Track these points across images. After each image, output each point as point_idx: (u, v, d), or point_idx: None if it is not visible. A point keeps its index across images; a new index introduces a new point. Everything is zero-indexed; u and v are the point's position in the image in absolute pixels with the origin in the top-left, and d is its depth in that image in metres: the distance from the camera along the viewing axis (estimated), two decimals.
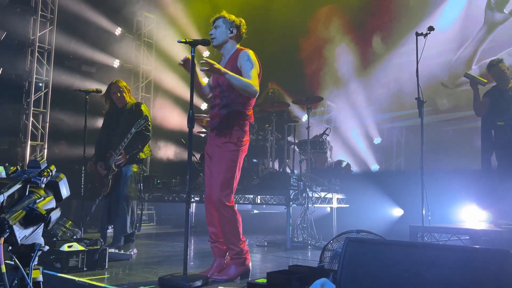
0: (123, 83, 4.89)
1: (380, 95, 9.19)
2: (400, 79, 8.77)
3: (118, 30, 9.87)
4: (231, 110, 3.35)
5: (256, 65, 3.33)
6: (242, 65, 3.31)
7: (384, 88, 9.15)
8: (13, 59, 8.07)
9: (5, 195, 1.45)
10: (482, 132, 5.12)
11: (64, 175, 1.74)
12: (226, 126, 3.35)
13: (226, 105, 3.37)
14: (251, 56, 3.34)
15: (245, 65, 3.29)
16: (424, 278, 1.85)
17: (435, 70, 8.24)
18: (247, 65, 3.29)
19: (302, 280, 2.32)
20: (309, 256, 4.93)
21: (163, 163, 10.18)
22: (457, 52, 8.26)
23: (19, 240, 1.45)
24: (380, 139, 9.68)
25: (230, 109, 3.35)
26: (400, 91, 8.57)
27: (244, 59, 3.32)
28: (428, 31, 4.57)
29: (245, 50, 3.39)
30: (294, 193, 5.73)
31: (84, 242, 3.86)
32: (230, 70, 3.27)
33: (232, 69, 3.30)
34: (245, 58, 3.32)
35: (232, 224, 3.29)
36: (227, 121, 3.35)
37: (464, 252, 1.88)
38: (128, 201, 4.63)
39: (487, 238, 4.06)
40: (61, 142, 8.78)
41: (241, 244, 3.33)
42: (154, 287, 3.02)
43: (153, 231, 8.08)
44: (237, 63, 3.34)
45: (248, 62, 3.30)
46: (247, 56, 3.33)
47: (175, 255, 4.74)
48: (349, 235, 2.61)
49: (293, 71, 9.84)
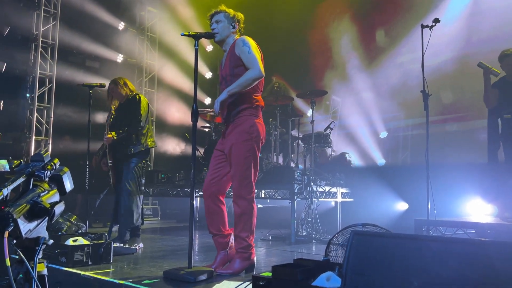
0: (119, 81, 4.86)
1: (386, 89, 9.13)
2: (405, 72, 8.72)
3: (122, 24, 9.84)
4: (237, 96, 3.30)
5: (252, 46, 3.30)
6: (241, 52, 3.28)
7: (389, 82, 9.09)
8: (17, 54, 8.08)
9: (9, 188, 1.44)
10: (488, 124, 5.05)
11: (67, 169, 1.74)
12: (235, 113, 3.32)
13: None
14: (246, 39, 3.32)
15: (243, 50, 3.27)
16: (431, 271, 1.83)
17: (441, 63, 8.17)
18: (244, 49, 3.27)
19: (307, 273, 2.31)
20: (314, 250, 4.93)
21: (167, 157, 10.19)
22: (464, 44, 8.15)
23: (23, 233, 1.44)
24: (386, 133, 9.64)
25: (235, 95, 3.30)
26: (405, 84, 8.52)
27: (240, 45, 3.30)
28: (434, 23, 4.52)
29: (241, 37, 3.37)
30: (299, 187, 5.72)
31: (89, 236, 3.87)
32: (230, 59, 3.31)
33: (232, 60, 3.31)
34: (241, 44, 3.30)
35: (248, 216, 3.27)
36: (234, 108, 3.32)
37: (471, 245, 1.86)
38: (131, 195, 4.63)
39: (493, 231, 4.04)
40: (66, 137, 8.80)
41: (251, 238, 3.33)
42: (159, 281, 3.02)
43: (157, 226, 8.10)
44: (235, 52, 3.32)
45: (245, 47, 3.27)
46: (242, 42, 3.30)
47: (180, 249, 4.75)
48: (354, 228, 2.60)
49: (298, 65, 9.79)
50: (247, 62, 3.24)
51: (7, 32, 7.88)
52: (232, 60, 3.33)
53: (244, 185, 3.25)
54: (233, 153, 3.28)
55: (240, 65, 3.30)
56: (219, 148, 3.45)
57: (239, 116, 3.32)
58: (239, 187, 3.25)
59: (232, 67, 3.33)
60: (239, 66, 3.30)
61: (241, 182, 3.24)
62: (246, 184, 3.25)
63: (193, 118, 3.16)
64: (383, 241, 1.96)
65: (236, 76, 3.29)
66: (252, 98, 3.36)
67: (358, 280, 1.91)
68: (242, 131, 3.28)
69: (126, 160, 4.69)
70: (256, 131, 3.31)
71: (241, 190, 3.25)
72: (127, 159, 4.68)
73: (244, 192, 3.25)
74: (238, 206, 3.27)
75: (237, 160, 3.26)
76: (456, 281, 1.78)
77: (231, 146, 3.29)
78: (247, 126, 3.29)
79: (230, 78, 3.34)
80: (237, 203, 3.27)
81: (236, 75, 3.29)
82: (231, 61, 3.34)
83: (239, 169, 3.25)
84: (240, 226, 3.28)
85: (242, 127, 3.29)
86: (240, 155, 3.26)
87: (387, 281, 1.88)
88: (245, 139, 3.27)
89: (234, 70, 3.32)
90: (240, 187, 3.25)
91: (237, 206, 3.27)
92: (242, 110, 3.32)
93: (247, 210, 3.26)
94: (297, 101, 8.64)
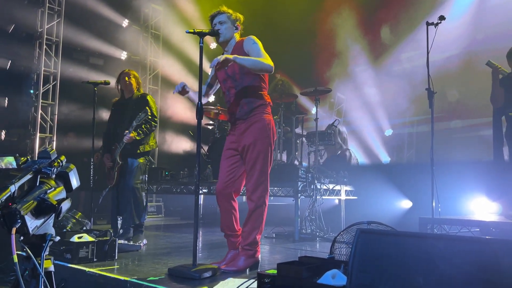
0: (134, 72, 4.91)
1: (391, 86, 9.10)
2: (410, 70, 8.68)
3: (126, 22, 9.85)
4: (248, 92, 3.30)
5: (261, 46, 3.30)
6: (250, 49, 3.28)
7: (394, 79, 9.05)
8: (22, 52, 8.10)
9: (16, 185, 1.45)
10: (494, 122, 5.02)
11: (74, 166, 1.75)
12: (249, 110, 3.29)
13: (242, 89, 3.33)
14: (255, 39, 3.33)
15: (253, 47, 3.27)
16: (436, 269, 1.83)
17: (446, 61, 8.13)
18: (254, 46, 3.27)
19: (312, 271, 2.31)
20: (318, 247, 4.92)
21: (171, 155, 10.20)
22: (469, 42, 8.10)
23: (30, 230, 1.45)
24: (391, 131, 9.60)
25: (247, 91, 3.30)
26: (410, 82, 8.48)
27: (250, 43, 3.30)
28: (439, 21, 4.49)
29: (249, 36, 3.37)
30: (302, 185, 5.72)
31: (93, 233, 3.88)
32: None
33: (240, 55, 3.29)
34: (251, 42, 3.30)
35: (260, 213, 3.27)
36: (248, 104, 3.30)
37: (477, 243, 1.86)
38: (135, 192, 4.64)
39: (498, 229, 4.03)
40: (70, 134, 8.83)
41: (259, 235, 3.33)
42: (164, 277, 3.03)
43: (161, 223, 8.12)
44: (244, 50, 3.31)
45: (255, 45, 3.28)
46: (253, 40, 3.31)
47: (184, 246, 4.76)
48: (360, 226, 2.59)
49: (302, 62, 9.77)
50: (257, 55, 3.21)
51: (11, 29, 7.91)
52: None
53: (261, 182, 3.25)
54: (251, 150, 3.25)
55: None
56: (232, 147, 3.40)
57: (254, 114, 3.30)
58: (256, 184, 3.24)
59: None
60: None
61: (258, 179, 3.24)
62: (263, 181, 3.26)
63: (197, 116, 3.16)
64: (388, 239, 1.96)
65: (247, 73, 3.28)
66: (265, 95, 3.37)
67: (363, 277, 1.90)
68: (261, 129, 3.27)
69: (132, 158, 4.70)
70: (272, 128, 3.32)
71: (258, 187, 3.24)
72: (133, 157, 4.69)
73: (261, 189, 3.25)
74: (253, 203, 3.26)
75: (256, 158, 3.24)
76: (461, 279, 1.78)
77: (249, 145, 3.26)
78: (265, 123, 3.29)
79: (239, 75, 3.32)
80: (253, 200, 3.26)
81: (247, 73, 3.28)
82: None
83: (258, 167, 3.24)
84: (251, 223, 3.28)
85: (259, 125, 3.28)
86: (260, 153, 3.24)
87: (393, 278, 1.88)
88: (264, 136, 3.27)
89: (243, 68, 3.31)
90: (258, 184, 3.24)
91: (253, 202, 3.26)
92: (257, 107, 3.31)
93: (262, 207, 3.27)
94: (301, 99, 8.62)
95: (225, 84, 3.45)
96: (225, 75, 3.43)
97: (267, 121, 3.31)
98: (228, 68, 3.39)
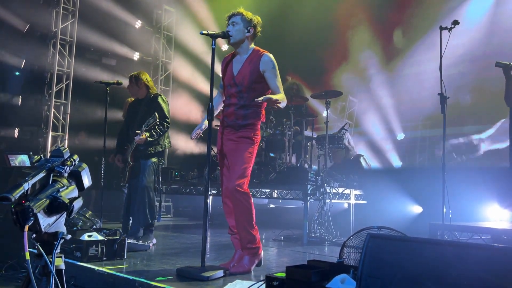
0: (143, 76, 4.86)
1: (403, 90, 9.04)
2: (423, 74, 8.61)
3: (138, 23, 9.93)
4: (249, 112, 3.37)
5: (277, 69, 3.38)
6: (268, 72, 3.32)
7: (406, 83, 8.99)
8: (36, 51, 8.21)
9: (30, 183, 1.46)
10: (510, 125, 4.91)
11: (86, 165, 1.76)
12: (242, 125, 3.38)
13: (245, 106, 3.36)
14: (275, 63, 3.36)
15: (271, 74, 3.33)
16: (447, 276, 1.81)
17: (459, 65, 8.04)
18: (273, 73, 3.33)
19: (321, 275, 2.29)
20: (326, 251, 4.90)
21: (181, 155, 10.24)
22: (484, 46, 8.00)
23: (43, 228, 1.47)
24: (403, 135, 9.53)
25: (249, 110, 3.37)
26: (423, 86, 8.41)
27: (269, 66, 3.33)
28: (453, 25, 4.45)
29: (267, 55, 3.37)
30: (312, 188, 5.69)
31: (103, 232, 3.91)
32: (251, 73, 3.32)
33: (253, 72, 3.32)
34: (271, 66, 3.33)
35: (247, 210, 3.31)
36: (244, 120, 3.37)
37: (488, 250, 1.84)
38: (147, 192, 4.65)
39: (509, 237, 3.97)
40: (81, 133, 8.92)
41: (254, 231, 3.35)
42: (172, 278, 3.04)
43: (170, 223, 8.15)
44: (259, 67, 3.33)
45: (274, 70, 3.34)
46: (273, 64, 3.34)
47: (193, 247, 4.77)
48: (370, 231, 2.57)
49: (314, 64, 9.75)
50: (275, 86, 3.31)
51: (26, 29, 8.02)
52: (253, 74, 3.32)
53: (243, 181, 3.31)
54: (234, 154, 3.36)
55: (260, 82, 3.34)
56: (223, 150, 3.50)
57: (247, 129, 3.38)
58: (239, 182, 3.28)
59: (253, 81, 3.33)
60: (260, 82, 3.34)
61: (240, 178, 3.28)
62: (245, 181, 3.33)
63: (209, 117, 3.19)
64: (399, 245, 1.94)
65: (254, 90, 3.32)
66: (261, 114, 3.46)
67: (373, 283, 1.89)
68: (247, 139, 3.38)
69: (144, 159, 4.71)
70: (258, 136, 3.45)
71: (240, 185, 3.28)
72: (145, 158, 4.71)
73: (244, 187, 3.30)
74: (238, 201, 3.30)
75: (238, 159, 3.32)
76: (471, 286, 1.76)
77: (232, 150, 3.38)
78: (251, 134, 3.39)
79: (246, 90, 3.35)
80: (237, 198, 3.29)
81: (254, 90, 3.32)
82: (252, 74, 3.32)
83: (239, 166, 3.31)
84: (244, 221, 3.32)
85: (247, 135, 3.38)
86: (242, 155, 3.33)
87: (403, 285, 1.86)
88: (248, 143, 3.38)
89: (253, 84, 3.33)
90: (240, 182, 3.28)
91: (238, 201, 3.30)
92: (251, 124, 3.39)
93: (247, 204, 3.31)
94: (311, 101, 8.60)
95: (229, 89, 3.46)
96: (232, 81, 3.42)
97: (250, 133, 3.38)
98: (237, 75, 3.38)
